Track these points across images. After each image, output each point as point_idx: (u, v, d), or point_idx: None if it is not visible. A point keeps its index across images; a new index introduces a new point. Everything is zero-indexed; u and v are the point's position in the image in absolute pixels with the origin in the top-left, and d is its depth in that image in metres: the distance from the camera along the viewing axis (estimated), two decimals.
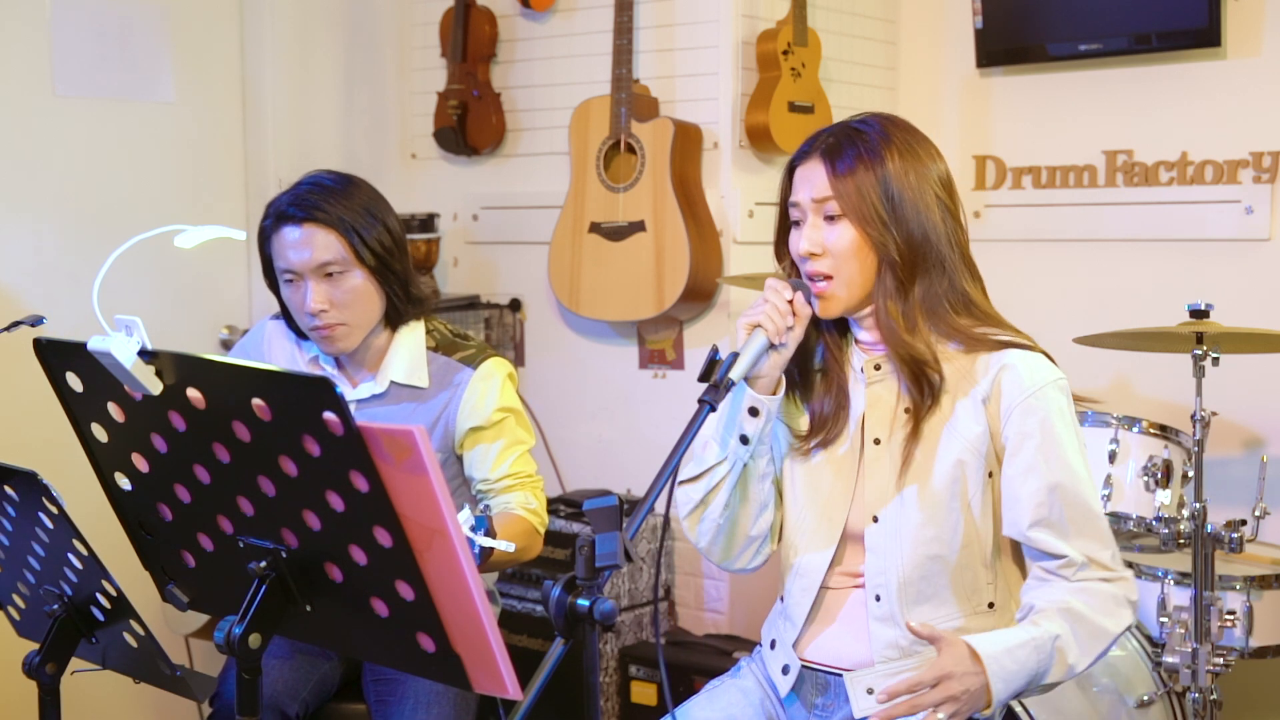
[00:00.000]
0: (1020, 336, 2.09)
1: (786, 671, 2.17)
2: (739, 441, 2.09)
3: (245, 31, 3.97)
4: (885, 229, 2.01)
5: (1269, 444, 3.64)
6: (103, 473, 1.84)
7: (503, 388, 2.59)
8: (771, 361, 2.04)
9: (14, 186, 3.49)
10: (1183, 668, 2.94)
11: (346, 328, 2.53)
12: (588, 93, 3.83)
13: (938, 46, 4.11)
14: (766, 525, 2.18)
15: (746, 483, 2.14)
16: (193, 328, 3.87)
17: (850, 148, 2.04)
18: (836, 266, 2.04)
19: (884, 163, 2.02)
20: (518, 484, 2.58)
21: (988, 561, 2.09)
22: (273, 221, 2.53)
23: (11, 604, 2.19)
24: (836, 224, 2.04)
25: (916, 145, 2.07)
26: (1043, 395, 2.02)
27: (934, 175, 2.06)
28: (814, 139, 2.09)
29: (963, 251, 2.09)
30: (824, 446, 2.14)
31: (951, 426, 2.05)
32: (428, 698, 2.49)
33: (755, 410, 2.07)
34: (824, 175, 2.04)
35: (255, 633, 1.65)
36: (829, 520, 2.13)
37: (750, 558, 2.21)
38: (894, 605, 2.08)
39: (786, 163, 2.12)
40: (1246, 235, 3.63)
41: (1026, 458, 2.01)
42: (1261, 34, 3.62)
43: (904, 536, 2.07)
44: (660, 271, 3.68)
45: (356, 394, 2.59)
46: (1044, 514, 2.01)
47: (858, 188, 2.01)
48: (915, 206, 2.03)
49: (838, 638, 2.14)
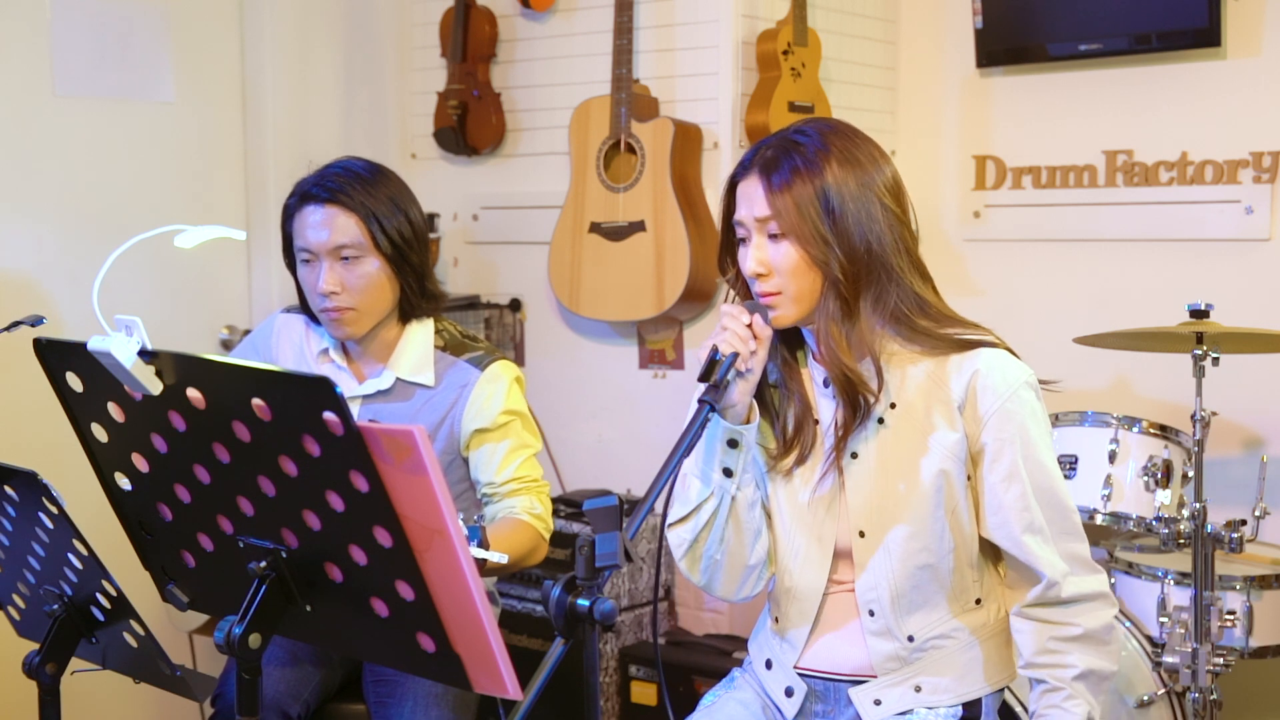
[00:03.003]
0: (982, 332, 2.07)
1: (790, 694, 2.15)
2: (723, 475, 2.07)
3: (245, 31, 3.97)
4: (827, 246, 1.98)
5: (1269, 444, 3.64)
6: (103, 473, 1.84)
7: (510, 390, 2.58)
8: (740, 389, 2.00)
9: (14, 186, 3.49)
10: (1183, 668, 2.94)
11: (355, 313, 2.53)
12: (588, 93, 3.83)
13: (938, 46, 4.11)
14: (764, 551, 2.16)
15: (737, 513, 2.10)
16: (193, 328, 3.87)
17: (787, 160, 2.00)
18: (783, 284, 2.01)
19: (822, 174, 1.98)
20: (523, 488, 2.57)
21: (974, 562, 2.09)
22: (296, 200, 2.55)
23: (11, 604, 2.19)
24: (780, 242, 2.00)
25: (857, 151, 2.02)
26: (1017, 399, 2.01)
27: (877, 181, 2.02)
28: (753, 152, 2.05)
29: (911, 256, 2.05)
30: (800, 465, 2.12)
31: (930, 433, 2.04)
32: (427, 698, 2.49)
33: (734, 441, 2.05)
34: (762, 193, 2.00)
35: (255, 633, 1.65)
36: (819, 540, 2.12)
37: (753, 585, 2.18)
38: (889, 618, 2.08)
39: (728, 178, 2.09)
40: (1246, 235, 3.63)
41: (1007, 464, 2.01)
42: (1261, 34, 3.62)
43: (893, 550, 2.06)
44: (660, 271, 3.68)
45: (363, 389, 2.60)
46: (1029, 519, 2.02)
47: (796, 204, 1.97)
48: (857, 217, 1.99)
49: (834, 644, 2.13)
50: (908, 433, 2.05)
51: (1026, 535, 2.02)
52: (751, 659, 2.26)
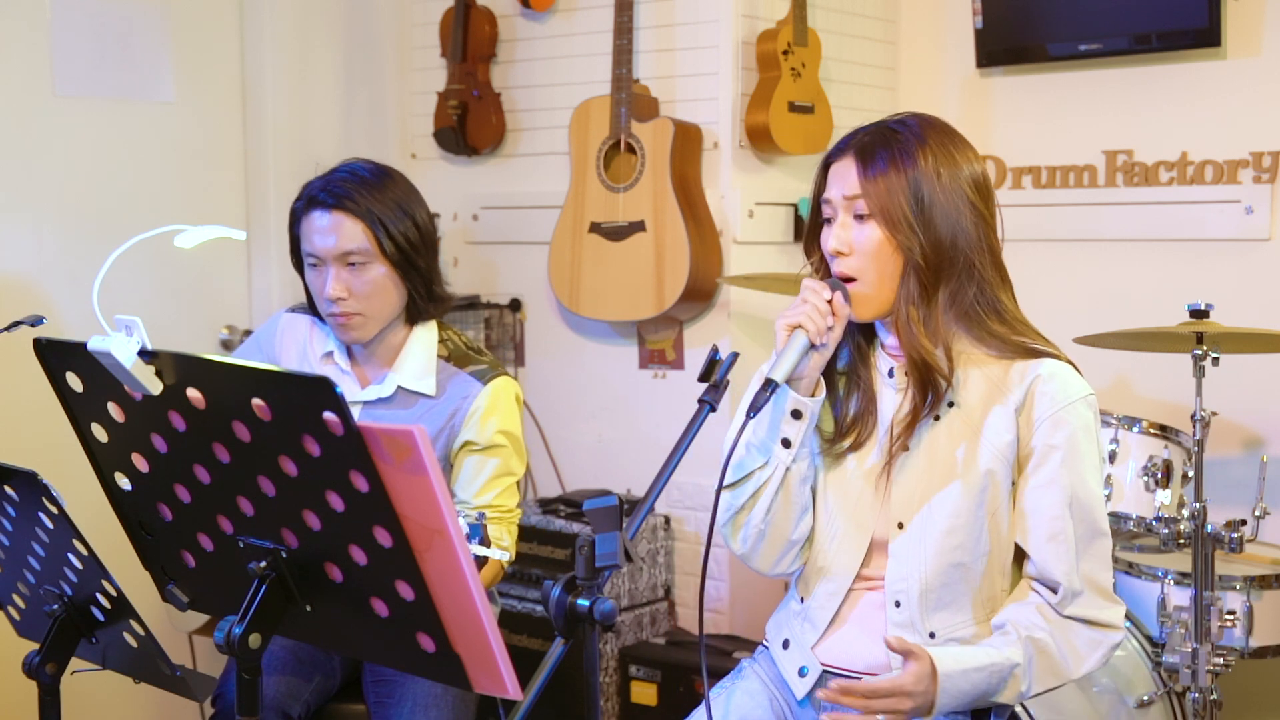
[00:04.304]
0: (1052, 346, 2.08)
1: (804, 674, 2.15)
2: (781, 445, 2.08)
3: (245, 31, 3.97)
4: (912, 232, 2.00)
5: (1269, 444, 3.64)
6: (103, 473, 1.84)
7: (509, 410, 2.58)
8: (813, 363, 2.04)
9: (14, 186, 3.49)
10: (1183, 668, 2.94)
11: (363, 318, 2.54)
12: (588, 93, 3.83)
13: (938, 46, 4.11)
14: (808, 529, 2.16)
15: (789, 487, 2.11)
16: (193, 328, 3.87)
17: (884, 148, 2.03)
18: (861, 267, 2.03)
19: (916, 164, 2.01)
20: (497, 518, 2.57)
21: (1006, 571, 2.09)
22: (304, 204, 2.55)
23: (11, 604, 2.19)
24: (865, 223, 2.03)
25: (952, 148, 2.06)
26: (1073, 410, 2.01)
27: (968, 179, 2.05)
28: (850, 137, 2.08)
29: (994, 257, 2.07)
30: (854, 450, 2.13)
31: (983, 434, 2.04)
32: (427, 698, 2.49)
33: (798, 413, 2.06)
34: (855, 174, 2.03)
35: (255, 633, 1.64)
36: (858, 526, 2.12)
37: (791, 561, 2.19)
38: (914, 612, 2.07)
39: (822, 157, 2.12)
40: (1246, 235, 3.63)
41: (1050, 470, 2.01)
42: (1261, 34, 3.62)
43: (929, 544, 2.06)
44: (660, 271, 3.68)
45: (364, 395, 2.60)
46: (1059, 528, 2.01)
47: (887, 188, 2.00)
48: (945, 210, 2.01)
49: (853, 640, 2.13)
50: (962, 431, 2.06)
51: (1051, 542, 2.01)
52: (769, 640, 2.26)
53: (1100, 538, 2.04)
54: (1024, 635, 2.00)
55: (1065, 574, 2.01)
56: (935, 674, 1.94)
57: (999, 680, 1.98)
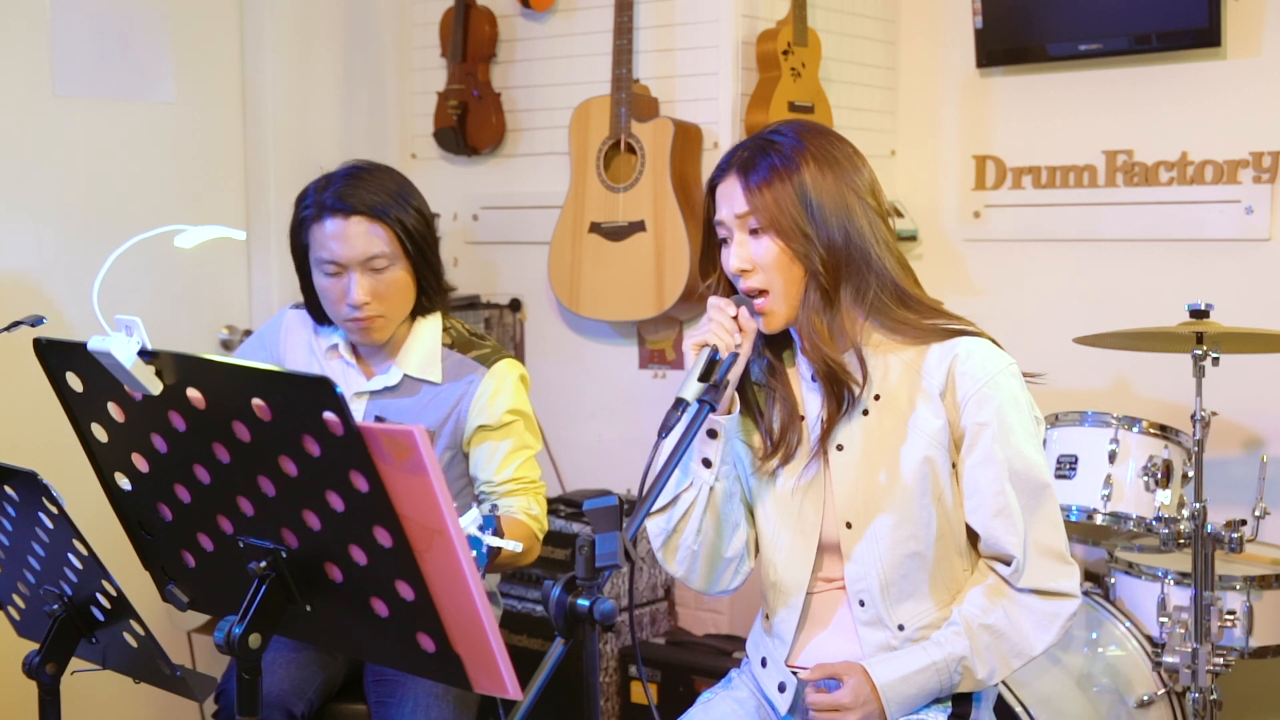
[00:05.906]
0: (963, 323, 2.09)
1: (784, 689, 2.16)
2: (701, 465, 2.09)
3: (245, 31, 3.97)
4: (806, 239, 2.01)
5: (1269, 444, 3.64)
6: (103, 473, 1.84)
7: (515, 390, 2.60)
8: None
9: (14, 186, 3.49)
10: (1183, 668, 2.94)
11: (385, 320, 2.55)
12: (588, 93, 3.83)
13: (938, 46, 4.11)
14: (742, 544, 2.18)
15: (715, 504, 2.12)
16: (193, 328, 3.87)
17: (764, 159, 2.04)
18: (769, 280, 2.04)
19: (799, 171, 2.02)
20: (521, 489, 2.59)
21: (962, 550, 2.11)
22: (315, 211, 2.53)
23: (11, 604, 2.19)
24: (760, 237, 2.04)
25: (833, 150, 2.06)
26: (995, 384, 2.02)
27: (854, 178, 2.06)
28: (730, 155, 2.09)
29: (890, 247, 2.08)
30: (785, 464, 2.14)
31: (913, 423, 2.05)
32: (428, 698, 2.49)
33: (713, 432, 2.07)
34: (740, 191, 2.04)
35: (255, 633, 1.65)
36: (804, 534, 2.13)
37: (730, 578, 2.20)
38: (879, 608, 2.09)
39: (707, 182, 2.12)
40: (1246, 235, 3.63)
41: (985, 448, 2.03)
42: (1261, 34, 3.62)
43: (880, 539, 2.07)
44: (660, 271, 3.68)
45: (370, 384, 2.60)
46: (1003, 503, 2.03)
47: (775, 199, 2.01)
48: (835, 210, 2.02)
49: (827, 642, 2.14)
50: (891, 422, 2.07)
51: (998, 518, 2.03)
52: (749, 659, 2.27)
53: (1044, 496, 2.05)
54: (976, 625, 2.02)
55: (1016, 545, 2.03)
56: (874, 687, 2.00)
57: (948, 675, 2.02)
